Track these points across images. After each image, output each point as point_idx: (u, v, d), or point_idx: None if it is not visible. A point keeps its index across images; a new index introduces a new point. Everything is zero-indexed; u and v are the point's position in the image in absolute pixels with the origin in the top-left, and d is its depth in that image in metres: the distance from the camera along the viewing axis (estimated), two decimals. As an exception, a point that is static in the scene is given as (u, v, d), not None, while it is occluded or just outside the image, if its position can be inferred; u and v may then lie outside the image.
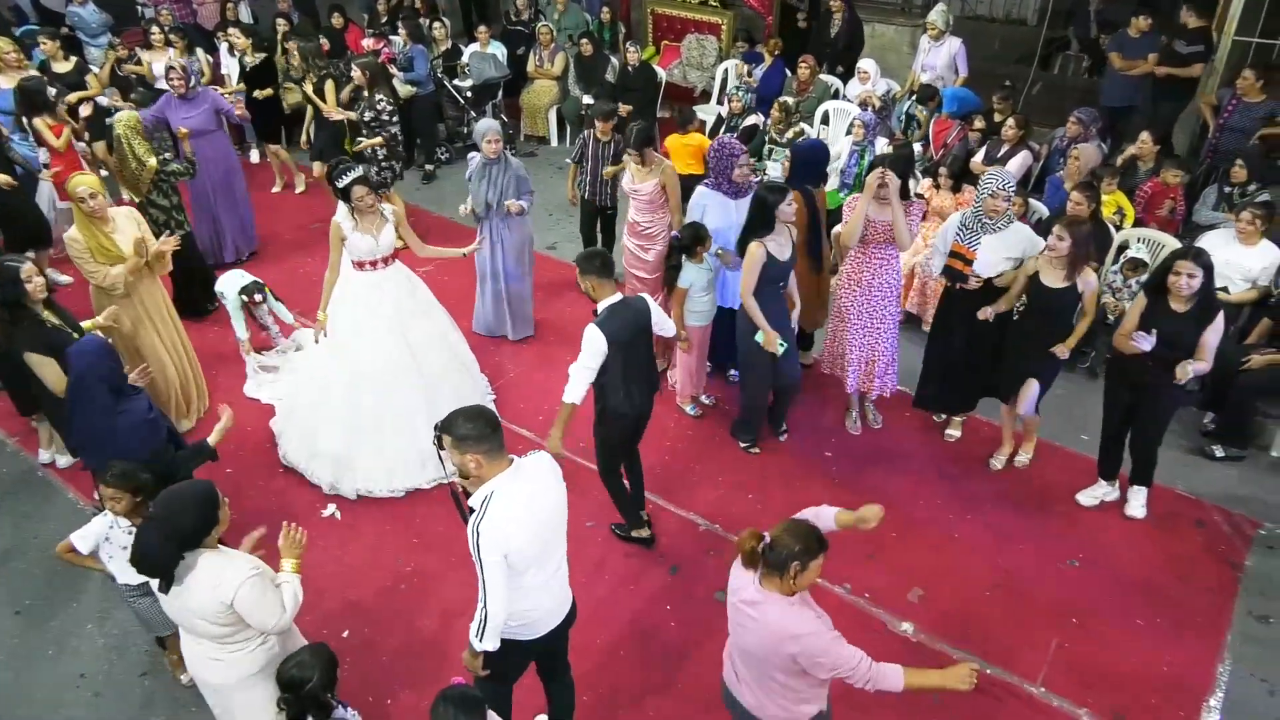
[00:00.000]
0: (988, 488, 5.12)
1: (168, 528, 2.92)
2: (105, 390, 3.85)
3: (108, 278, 4.98)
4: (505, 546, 2.89)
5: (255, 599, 2.98)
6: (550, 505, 3.10)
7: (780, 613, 2.76)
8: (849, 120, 7.89)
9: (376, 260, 4.95)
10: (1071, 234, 4.48)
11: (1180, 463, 5.25)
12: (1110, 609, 4.38)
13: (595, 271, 4.11)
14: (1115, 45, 7.80)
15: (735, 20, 9.56)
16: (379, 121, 7.00)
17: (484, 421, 2.93)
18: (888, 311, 5.14)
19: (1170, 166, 6.20)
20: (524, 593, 3.05)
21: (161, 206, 6.11)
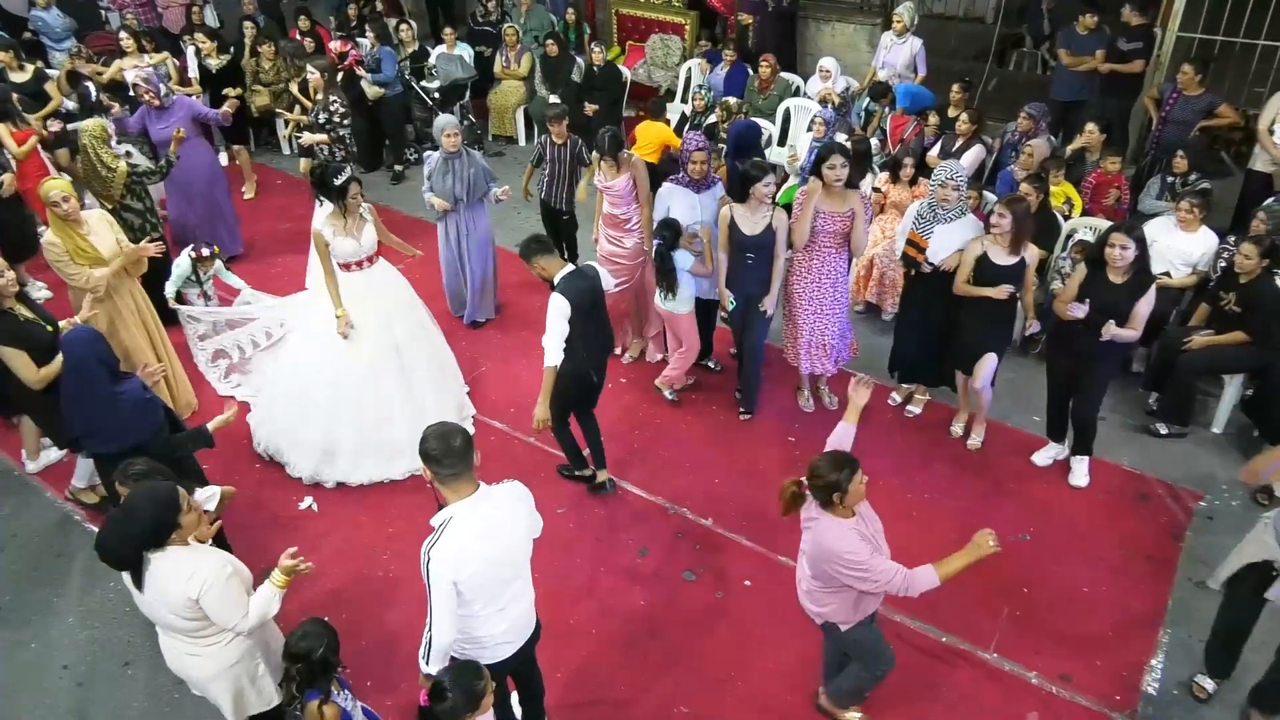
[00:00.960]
0: (944, 467, 5.33)
1: (123, 528, 3.01)
2: (105, 373, 3.91)
3: (90, 280, 5.01)
4: (455, 575, 2.88)
5: (220, 597, 3.05)
6: (511, 538, 3.08)
7: (825, 531, 3.20)
8: (809, 117, 8.11)
9: (361, 260, 5.07)
10: (1012, 211, 4.79)
11: (1126, 440, 5.50)
12: (1058, 578, 4.61)
13: (537, 252, 4.51)
14: (1064, 42, 8.06)
15: (698, 20, 9.73)
16: (330, 123, 7.14)
17: (451, 443, 2.91)
18: (835, 295, 5.36)
19: (1109, 155, 6.46)
20: (477, 620, 3.06)
21: (135, 210, 6.17)
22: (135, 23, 9.67)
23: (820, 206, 5.12)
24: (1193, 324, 5.56)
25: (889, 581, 3.15)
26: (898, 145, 7.52)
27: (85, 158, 5.98)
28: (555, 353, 4.43)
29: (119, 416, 3.96)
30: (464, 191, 6.10)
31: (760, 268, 5.25)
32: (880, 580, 3.15)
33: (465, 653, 3.14)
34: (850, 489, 3.14)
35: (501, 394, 5.94)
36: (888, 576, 3.15)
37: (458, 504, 2.96)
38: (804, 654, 4.20)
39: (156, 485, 3.19)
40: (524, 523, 3.18)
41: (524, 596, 3.27)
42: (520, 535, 3.16)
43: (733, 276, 5.35)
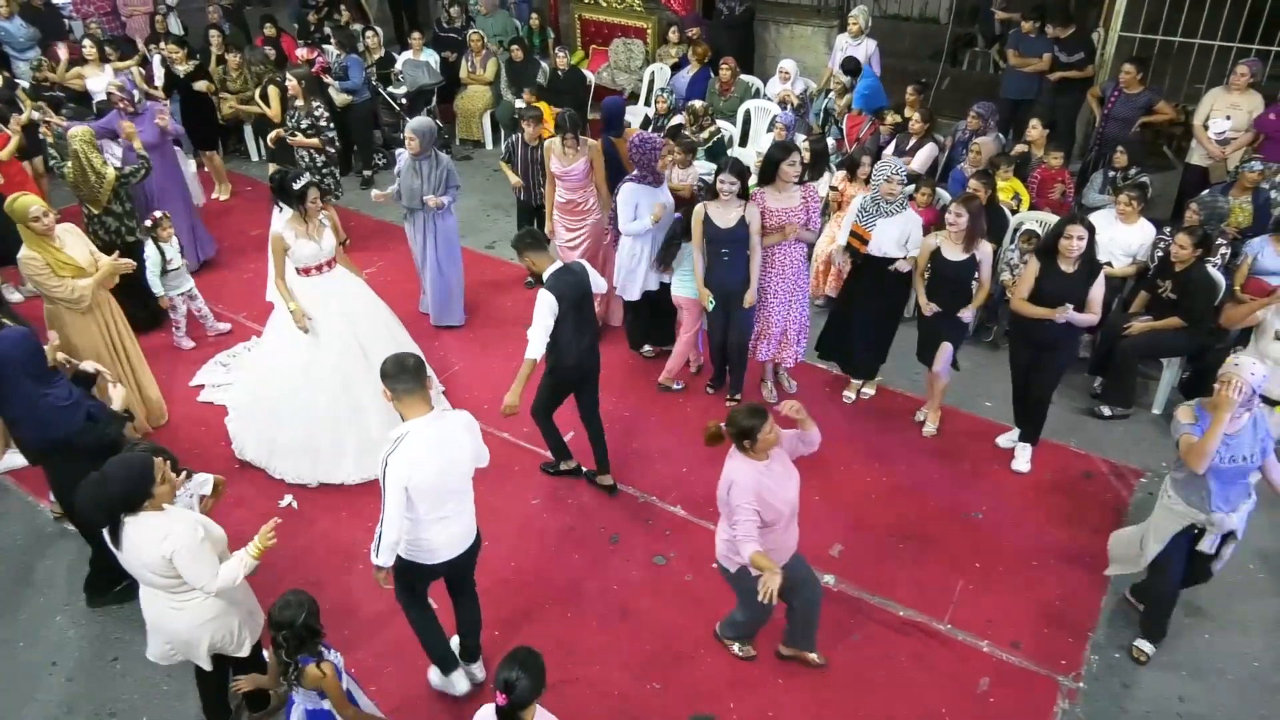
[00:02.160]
0: (900, 451, 5.58)
1: (97, 493, 3.26)
2: (27, 379, 4.04)
3: (74, 290, 5.06)
4: (406, 481, 3.36)
5: (192, 557, 3.29)
6: (456, 457, 3.55)
7: (734, 467, 3.62)
8: (769, 118, 8.35)
9: (321, 264, 5.21)
10: (967, 209, 5.04)
11: (1072, 423, 5.79)
12: (1009, 553, 4.87)
13: (530, 247, 4.70)
14: (1013, 43, 8.37)
15: (659, 24, 9.94)
16: (315, 129, 7.24)
17: (404, 363, 3.46)
18: (797, 285, 5.60)
19: (1050, 150, 6.76)
20: (421, 525, 3.54)
21: (116, 214, 6.28)
22: (99, 31, 9.69)
23: (770, 205, 5.35)
24: (1132, 311, 5.86)
25: (741, 530, 3.53)
26: (854, 144, 7.78)
27: (76, 163, 6.07)
28: (538, 345, 4.60)
29: (37, 415, 4.10)
30: (429, 191, 6.26)
31: (736, 263, 5.41)
32: (739, 522, 3.55)
33: (410, 554, 3.64)
34: (760, 438, 3.52)
35: (475, 392, 6.09)
36: (742, 529, 3.53)
37: (413, 421, 3.44)
38: (773, 630, 4.41)
39: (131, 455, 3.40)
40: (469, 447, 3.63)
41: (465, 513, 3.73)
42: (465, 457, 3.61)
43: (710, 274, 5.50)
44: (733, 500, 3.59)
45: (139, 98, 7.18)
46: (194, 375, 6.26)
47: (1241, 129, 6.85)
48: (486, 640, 4.29)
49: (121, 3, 10.49)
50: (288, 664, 3.23)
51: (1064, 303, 4.80)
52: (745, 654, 4.32)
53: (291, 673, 3.24)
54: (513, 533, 5.02)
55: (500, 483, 5.35)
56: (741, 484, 3.57)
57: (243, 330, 6.79)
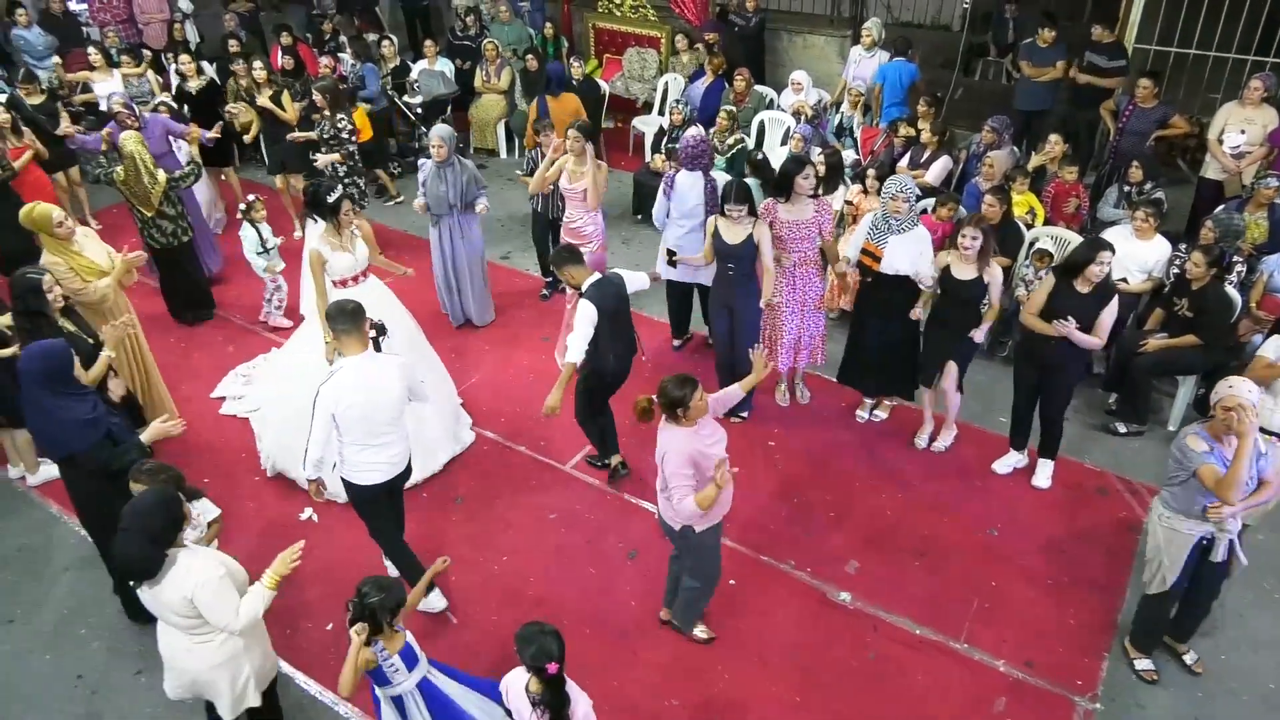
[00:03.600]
0: (915, 467, 5.60)
1: (145, 533, 3.20)
2: (44, 392, 4.05)
3: (96, 291, 5.22)
4: (334, 408, 3.93)
5: (214, 596, 3.26)
6: (384, 395, 4.03)
7: (669, 437, 3.85)
8: (783, 129, 8.38)
9: (356, 275, 5.27)
10: (981, 231, 5.05)
11: (1086, 439, 5.80)
12: (1024, 571, 4.89)
13: (568, 261, 4.91)
14: (1026, 54, 8.38)
15: (672, 34, 9.96)
16: (338, 140, 7.30)
17: (345, 309, 3.99)
18: (809, 295, 5.66)
19: (1065, 165, 6.77)
20: (353, 449, 4.09)
21: (169, 216, 6.43)
22: (117, 40, 9.78)
23: (784, 217, 5.39)
24: (1148, 328, 5.88)
25: (677, 496, 3.80)
26: (868, 156, 7.81)
27: (130, 164, 6.17)
28: (578, 351, 4.77)
29: (57, 430, 4.11)
30: (456, 198, 6.33)
31: (740, 278, 5.48)
32: (673, 489, 3.81)
33: (356, 477, 4.18)
34: (691, 405, 3.73)
35: (493, 404, 6.14)
36: (679, 494, 3.79)
37: (348, 358, 3.99)
38: (790, 647, 4.46)
39: (160, 491, 3.42)
40: (397, 387, 4.07)
41: (396, 444, 4.20)
42: (393, 395, 4.06)
43: (716, 290, 5.64)
44: (668, 469, 3.82)
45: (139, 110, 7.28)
46: (215, 387, 6.31)
47: (1256, 143, 6.85)
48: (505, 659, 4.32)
49: (138, 10, 10.59)
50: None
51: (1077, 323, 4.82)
52: (707, 635, 4.52)
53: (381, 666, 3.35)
54: (529, 547, 5.07)
55: (517, 497, 5.40)
56: (676, 450, 3.78)
57: (262, 342, 6.85)
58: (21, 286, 4.55)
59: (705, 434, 3.86)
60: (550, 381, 6.28)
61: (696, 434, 3.82)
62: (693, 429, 3.82)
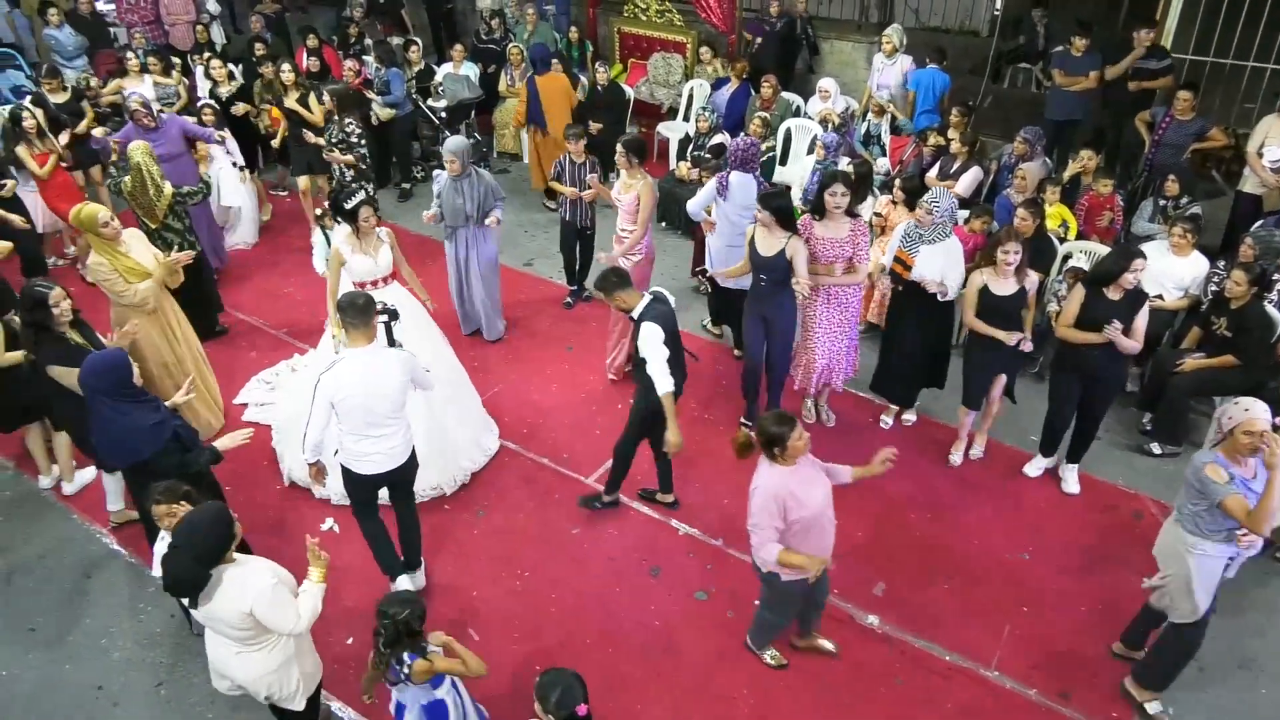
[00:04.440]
0: (944, 485, 5.50)
1: (193, 550, 3.19)
2: (107, 403, 4.05)
3: (138, 294, 5.26)
4: (333, 396, 3.99)
5: (272, 606, 3.27)
6: (382, 387, 4.05)
7: (761, 472, 3.73)
8: (809, 137, 8.29)
9: (377, 280, 5.23)
10: (1020, 245, 5.00)
11: (1120, 460, 5.68)
12: (1056, 596, 4.78)
13: (617, 286, 4.67)
14: (1058, 63, 8.25)
15: (698, 39, 9.89)
16: (347, 144, 7.29)
17: (355, 302, 4.04)
18: (846, 317, 5.55)
19: (1100, 177, 6.64)
20: (352, 437, 4.15)
21: (175, 230, 6.36)
22: (143, 41, 9.80)
23: (820, 234, 5.31)
24: (1185, 346, 5.75)
25: (759, 539, 3.70)
26: (897, 166, 7.71)
27: (136, 175, 6.14)
28: (668, 378, 4.56)
29: (122, 439, 4.10)
30: (473, 209, 6.28)
31: (772, 290, 5.41)
32: (755, 528, 3.70)
33: (351, 464, 4.25)
34: (789, 444, 3.61)
35: (515, 415, 6.08)
36: (760, 535, 3.69)
37: (352, 350, 4.04)
38: (814, 673, 4.37)
39: (207, 505, 3.42)
40: (398, 381, 4.09)
41: (395, 435, 4.22)
42: (393, 388, 4.08)
43: (751, 300, 5.60)
44: (753, 505, 3.70)
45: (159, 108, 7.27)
46: (238, 393, 6.29)
47: (1298, 157, 6.70)
48: (527, 675, 4.28)
49: (164, 12, 10.61)
50: (386, 654, 3.35)
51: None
52: (777, 662, 4.41)
53: (395, 668, 3.35)
54: (551, 562, 5.01)
55: (539, 510, 5.34)
56: (765, 489, 3.66)
57: (285, 347, 6.83)
58: (28, 298, 4.56)
59: (802, 475, 3.72)
60: (575, 391, 6.32)
61: (792, 475, 3.68)
62: (789, 469, 3.68)
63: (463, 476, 5.49)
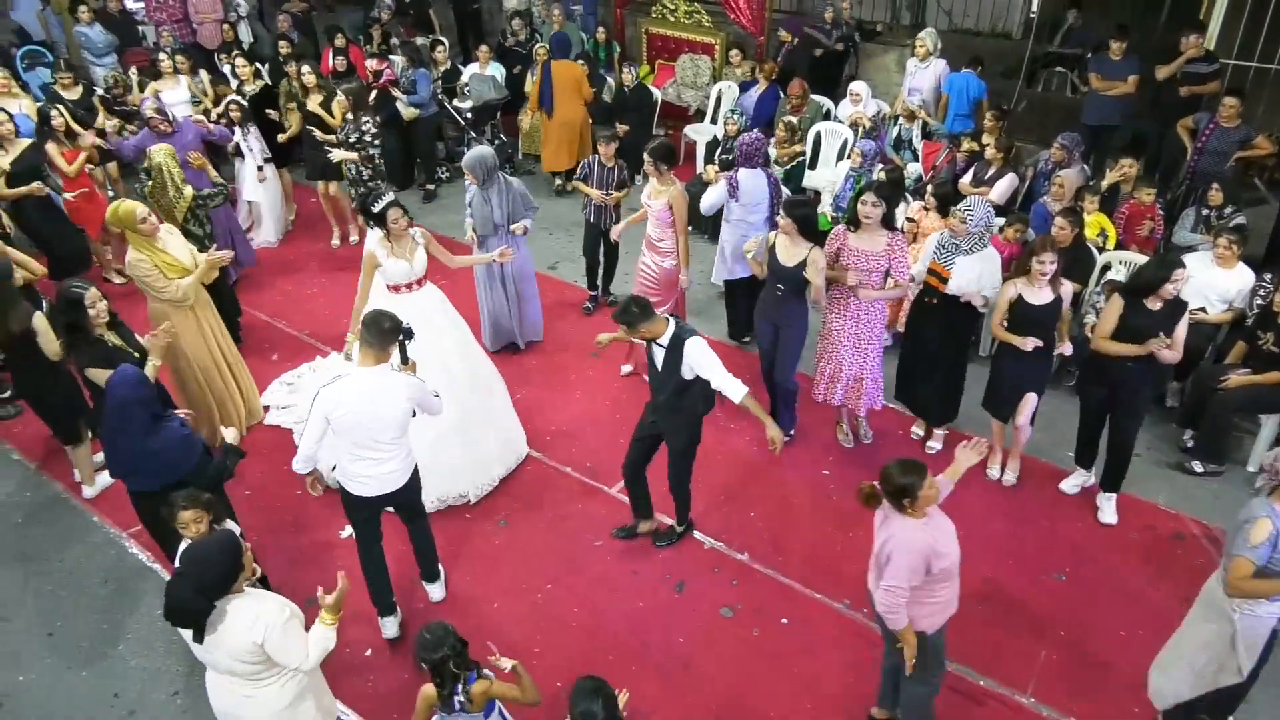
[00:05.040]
0: (975, 503, 5.34)
1: (197, 581, 3.06)
2: (146, 416, 3.97)
3: (180, 289, 5.25)
4: (330, 412, 3.88)
5: (283, 638, 3.15)
6: (382, 410, 3.91)
7: (899, 528, 3.37)
8: (840, 141, 8.15)
9: (411, 283, 5.16)
10: (1056, 253, 4.84)
11: (1160, 478, 5.51)
12: (1095, 620, 4.62)
13: (640, 318, 4.27)
14: (1095, 66, 8.06)
15: (727, 40, 9.77)
16: (362, 143, 7.24)
17: (381, 323, 3.90)
18: (873, 333, 5.39)
19: (1142, 186, 6.46)
20: (347, 456, 4.05)
21: (195, 235, 6.29)
22: (171, 39, 9.81)
23: (855, 245, 5.17)
24: (1229, 362, 5.56)
25: (896, 600, 3.36)
26: (929, 172, 7.55)
27: (158, 176, 6.10)
28: (735, 381, 4.32)
29: (156, 454, 4.01)
30: (504, 218, 6.19)
31: (786, 299, 5.30)
32: (896, 589, 3.35)
33: (347, 484, 4.15)
34: (920, 494, 3.30)
35: (539, 422, 5.99)
36: (899, 597, 3.36)
37: (358, 369, 3.94)
38: (842, 696, 4.24)
39: (218, 534, 3.32)
40: (399, 407, 3.95)
41: (391, 460, 4.09)
42: (393, 414, 3.94)
43: (764, 305, 5.49)
44: (895, 566, 3.33)
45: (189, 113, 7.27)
46: (260, 395, 6.23)
47: (1345, 166, 6.50)
48: (549, 692, 4.18)
49: (193, 10, 10.63)
50: (452, 692, 3.26)
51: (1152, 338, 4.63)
52: None
53: (457, 697, 3.24)
54: (573, 575, 4.91)
55: (560, 522, 5.25)
56: (907, 546, 3.32)
57: (307, 349, 6.78)
58: (64, 299, 4.52)
59: (937, 525, 3.42)
60: (599, 399, 6.23)
61: (927, 527, 3.38)
62: (923, 520, 3.38)
63: (491, 484, 5.40)
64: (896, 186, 6.77)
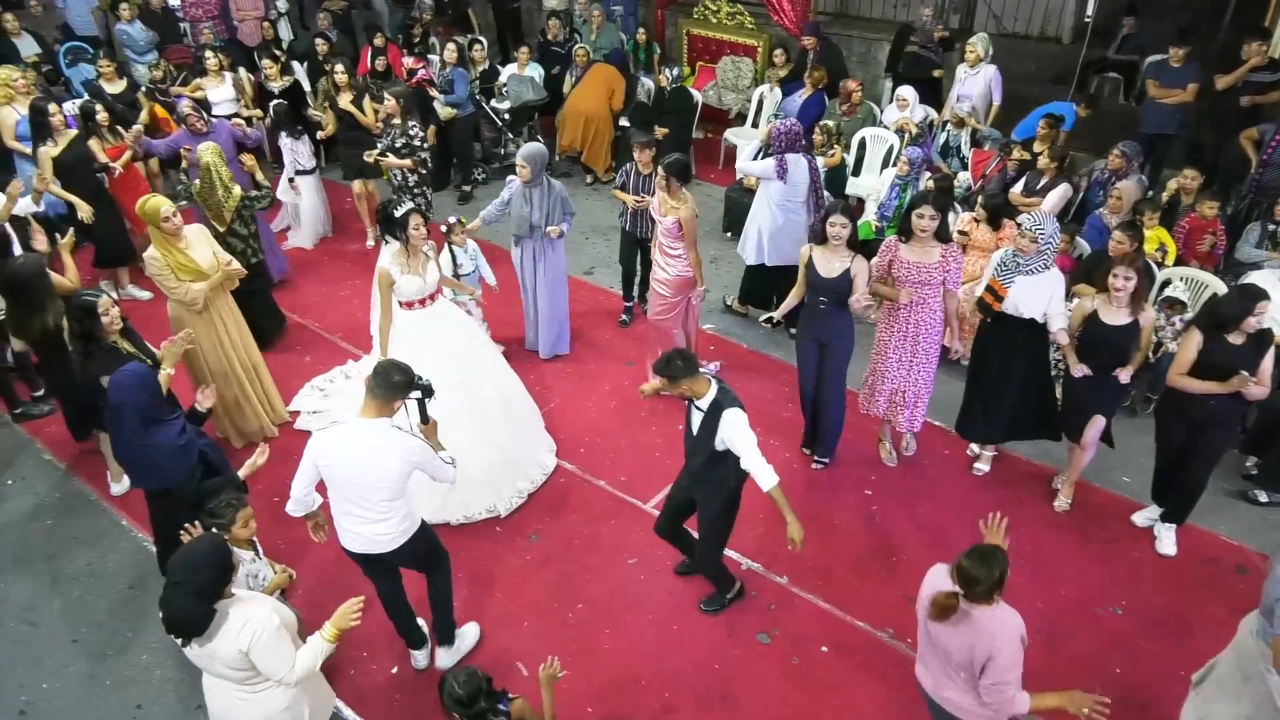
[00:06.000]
0: (1027, 529, 5.11)
1: (194, 587, 2.99)
2: (136, 419, 3.95)
3: (189, 293, 5.20)
4: (316, 459, 3.67)
5: (268, 648, 3.06)
6: (372, 470, 3.61)
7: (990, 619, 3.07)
8: (885, 147, 7.93)
9: (424, 298, 5.04)
10: (1136, 271, 4.58)
11: (1222, 507, 5.24)
12: (1153, 658, 4.39)
13: (684, 373, 3.91)
14: (1153, 72, 7.78)
15: (770, 42, 9.57)
16: (410, 148, 7.11)
17: (390, 376, 3.61)
18: (925, 349, 5.18)
19: (1205, 199, 6.19)
20: (338, 510, 3.78)
21: (240, 235, 6.22)
22: (211, 37, 9.80)
23: (906, 257, 4.97)
24: (1297, 385, 5.29)
25: (1008, 694, 3.09)
26: (978, 181, 7.32)
27: (205, 175, 6.04)
28: (768, 468, 3.92)
29: (144, 459, 4.02)
30: (541, 219, 6.07)
31: (832, 314, 5.09)
32: (1003, 683, 3.07)
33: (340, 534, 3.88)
34: (1002, 587, 3.07)
35: (572, 432, 5.85)
36: (1010, 690, 3.09)
37: (356, 419, 3.66)
38: (885, 731, 4.06)
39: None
40: (392, 471, 3.62)
41: (381, 524, 3.76)
42: (382, 475, 3.62)
43: (806, 322, 5.25)
44: (998, 664, 3.04)
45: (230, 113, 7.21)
46: (291, 399, 6.16)
47: None
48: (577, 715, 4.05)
49: (234, 8, 10.62)
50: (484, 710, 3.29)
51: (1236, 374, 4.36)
52: None
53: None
54: (606, 594, 4.76)
55: (595, 538, 5.10)
56: (1008, 636, 3.03)
57: (339, 352, 6.70)
58: (77, 307, 4.47)
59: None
60: (635, 409, 6.07)
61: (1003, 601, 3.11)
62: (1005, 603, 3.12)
63: (519, 498, 5.27)
64: (946, 195, 6.57)
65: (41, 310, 4.98)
